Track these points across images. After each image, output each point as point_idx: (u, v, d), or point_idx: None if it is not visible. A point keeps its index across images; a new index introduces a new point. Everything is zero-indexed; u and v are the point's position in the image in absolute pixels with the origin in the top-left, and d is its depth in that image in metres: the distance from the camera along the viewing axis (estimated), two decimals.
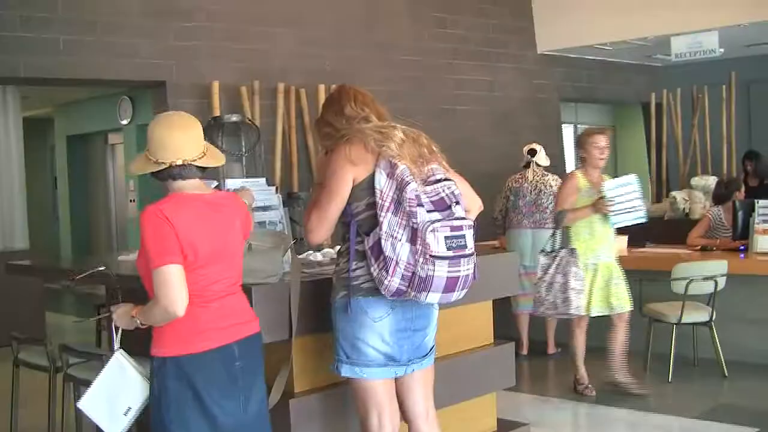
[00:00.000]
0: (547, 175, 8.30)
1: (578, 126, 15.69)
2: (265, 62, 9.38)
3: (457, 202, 3.65)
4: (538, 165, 8.30)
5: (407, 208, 3.54)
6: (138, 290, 4.33)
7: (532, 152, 8.35)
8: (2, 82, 10.00)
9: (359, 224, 3.72)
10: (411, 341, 3.81)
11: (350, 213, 3.74)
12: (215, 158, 3.57)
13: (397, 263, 3.53)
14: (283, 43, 9.58)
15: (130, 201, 12.18)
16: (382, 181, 3.62)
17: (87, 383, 3.94)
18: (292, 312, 3.92)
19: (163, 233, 3.32)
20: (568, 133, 14.46)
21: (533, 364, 8.12)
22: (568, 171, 13.19)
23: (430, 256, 3.49)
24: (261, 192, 4.72)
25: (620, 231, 7.27)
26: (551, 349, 8.35)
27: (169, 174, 3.48)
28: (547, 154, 8.62)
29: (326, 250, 4.92)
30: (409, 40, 10.84)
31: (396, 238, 3.54)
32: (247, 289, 3.85)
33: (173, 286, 3.30)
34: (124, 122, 12.02)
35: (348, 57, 10.08)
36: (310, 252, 4.92)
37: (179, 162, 3.44)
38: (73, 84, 8.95)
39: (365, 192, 3.68)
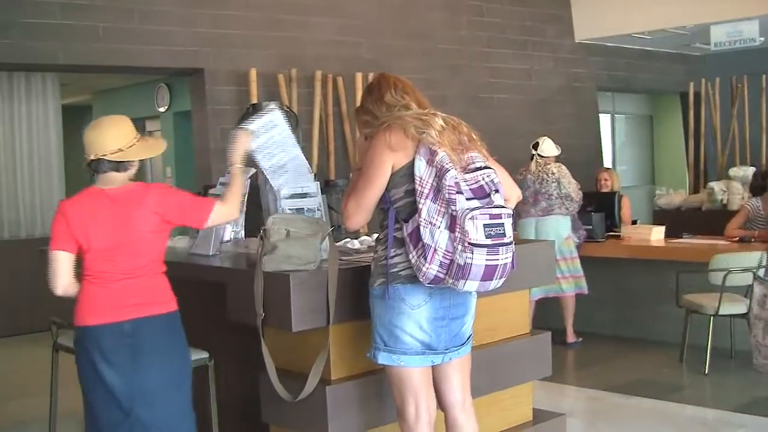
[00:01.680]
0: (549, 163, 8.25)
1: (615, 115, 15.62)
2: (303, 50, 9.40)
3: (497, 191, 3.63)
4: (541, 156, 8.26)
5: (446, 196, 3.52)
6: (172, 277, 4.35)
7: (535, 145, 8.33)
8: (42, 69, 10.08)
9: (398, 211, 3.71)
10: (449, 330, 3.80)
11: (389, 200, 3.74)
12: (138, 153, 3.99)
13: (435, 250, 3.52)
14: (321, 31, 9.60)
15: None
16: (421, 167, 3.61)
17: None
18: (330, 299, 3.92)
19: (58, 223, 3.88)
20: (605, 122, 14.39)
21: (556, 355, 8.06)
22: (605, 161, 13.21)
23: (469, 243, 3.47)
24: (299, 179, 4.72)
25: (657, 221, 7.22)
26: (570, 338, 8.26)
27: (91, 168, 3.95)
28: (581, 143, 8.57)
29: (364, 237, 4.91)
30: (446, 28, 10.82)
31: (435, 225, 3.53)
32: (284, 276, 3.88)
33: (54, 270, 3.86)
34: (162, 109, 12.09)
35: (385, 45, 10.08)
36: (348, 239, 4.92)
37: (92, 157, 3.90)
38: (112, 71, 9.03)
39: (404, 179, 3.68)
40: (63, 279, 3.87)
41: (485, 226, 3.50)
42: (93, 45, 8.21)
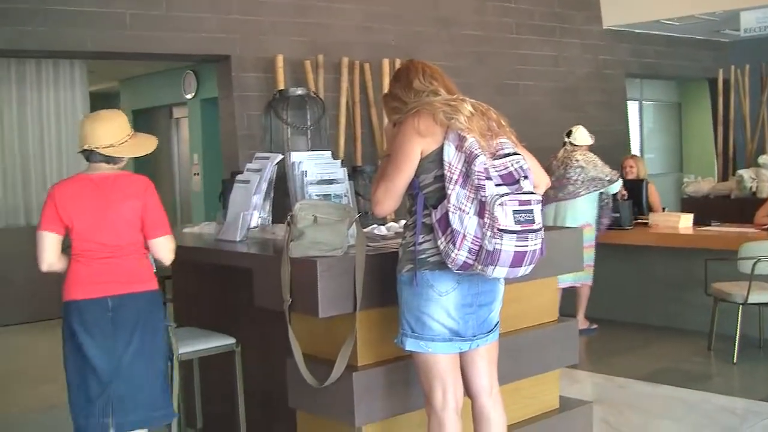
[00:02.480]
0: (575, 151, 8.20)
1: (643, 102, 15.53)
2: (329, 36, 9.39)
3: (525, 177, 3.62)
4: (571, 144, 8.22)
5: (475, 182, 3.52)
6: (199, 263, 4.38)
7: (568, 133, 8.29)
8: (70, 57, 10.12)
9: (426, 197, 3.70)
10: (476, 316, 3.79)
11: (417, 185, 3.72)
12: (128, 151, 4.27)
13: (464, 236, 3.51)
14: (348, 18, 9.59)
15: (194, 174, 12.28)
16: (450, 153, 3.60)
17: None
18: (357, 285, 3.92)
19: (47, 206, 4.16)
20: (633, 109, 14.30)
21: (581, 343, 8.03)
22: (632, 149, 13.14)
23: (498, 229, 3.46)
24: (326, 165, 4.73)
25: (686, 209, 7.18)
26: (582, 324, 8.18)
27: (84, 156, 4.26)
28: (609, 130, 8.53)
29: (391, 224, 4.91)
30: (473, 14, 10.77)
31: (464, 211, 3.52)
32: (311, 262, 3.88)
33: (40, 249, 4.14)
34: (189, 96, 12.11)
35: (411, 32, 10.05)
36: (375, 225, 4.92)
37: (85, 147, 4.21)
38: (139, 58, 9.05)
39: (433, 164, 3.66)
40: (47, 256, 4.13)
41: (514, 212, 3.50)
42: (120, 32, 8.23)
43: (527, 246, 3.53)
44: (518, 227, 3.50)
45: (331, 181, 4.61)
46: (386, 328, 4.20)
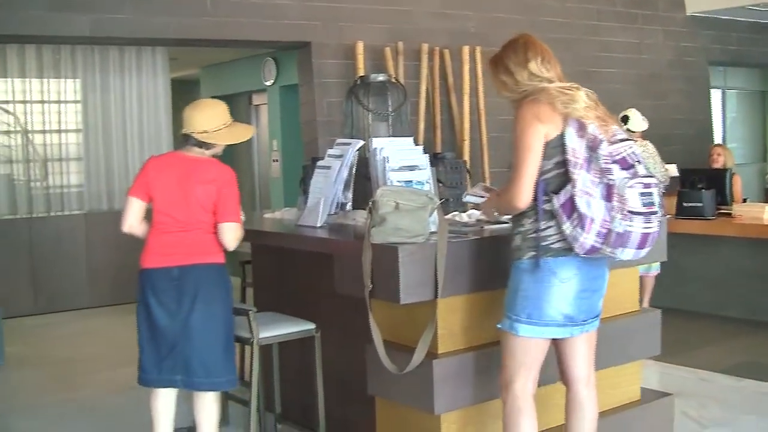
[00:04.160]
0: (636, 140, 8.00)
1: (726, 91, 15.24)
2: (409, 23, 9.37)
3: (638, 161, 3.66)
4: (629, 131, 8.05)
5: (602, 165, 3.58)
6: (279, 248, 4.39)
7: (624, 119, 8.11)
8: (152, 44, 10.25)
9: (547, 183, 3.71)
10: (589, 302, 3.84)
11: (538, 172, 3.73)
12: (222, 138, 4.57)
13: (593, 220, 3.56)
14: (428, 4, 9.56)
15: (273, 161, 12.34)
16: (573, 138, 3.64)
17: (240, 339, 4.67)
18: (438, 272, 3.90)
19: (140, 174, 4.56)
20: (715, 97, 14.03)
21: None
22: (715, 138, 12.89)
23: (628, 211, 3.55)
24: (408, 152, 4.71)
25: None
26: None
27: (182, 139, 4.60)
28: (691, 119, 8.34)
29: (471, 211, 4.88)
30: (554, 0, 10.66)
31: (591, 195, 3.57)
32: (392, 249, 3.87)
33: (125, 211, 4.54)
34: (268, 83, 12.16)
35: (492, 18, 9.98)
36: (456, 213, 4.89)
37: (183, 131, 4.56)
38: (220, 45, 9.11)
39: (555, 150, 3.68)
40: (129, 219, 4.52)
41: (640, 194, 3.58)
42: (202, 19, 8.30)
43: (651, 227, 3.61)
44: (644, 209, 3.58)
45: (412, 168, 4.58)
46: (467, 316, 4.18)
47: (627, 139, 3.71)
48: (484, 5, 9.98)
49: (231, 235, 4.49)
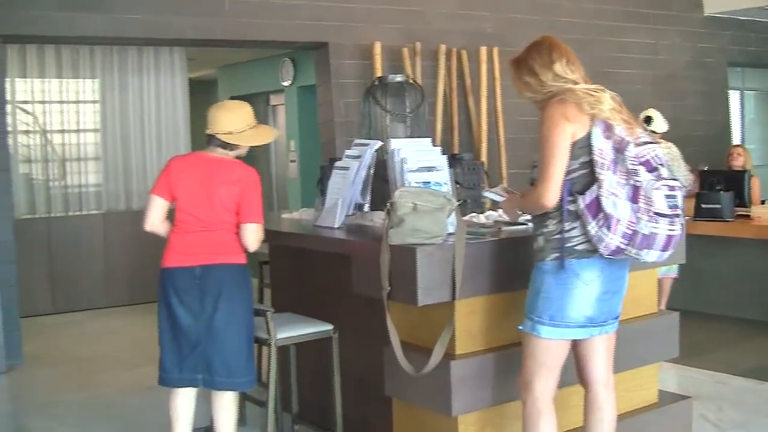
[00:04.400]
0: (660, 142, 7.94)
1: (745, 92, 15.16)
2: (427, 23, 9.37)
3: (662, 164, 3.67)
4: (653, 132, 8.00)
5: (629, 167, 3.61)
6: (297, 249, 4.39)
7: (648, 120, 8.05)
8: (170, 44, 10.27)
9: (572, 183, 3.72)
10: (610, 303, 3.85)
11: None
12: (245, 140, 4.58)
13: (619, 221, 3.57)
14: (445, 5, 9.55)
15: (291, 161, 12.36)
16: (600, 139, 3.66)
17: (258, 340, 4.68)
18: (456, 274, 3.91)
19: (162, 174, 4.58)
20: (734, 99, 13.95)
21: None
22: (733, 139, 12.83)
23: (655, 213, 3.57)
24: (426, 153, 4.71)
25: None
26: None
27: (206, 140, 4.62)
28: (709, 120, 8.28)
29: (489, 212, 4.88)
30: (571, 1, 10.63)
31: (617, 195, 3.59)
32: (410, 250, 3.87)
33: (148, 209, 4.56)
34: (286, 83, 12.19)
35: (508, 19, 9.97)
36: (474, 214, 4.90)
37: (208, 131, 4.57)
38: (237, 45, 9.12)
39: (581, 151, 3.69)
40: (152, 218, 4.54)
41: (666, 196, 3.60)
42: (219, 19, 8.32)
43: (675, 230, 3.63)
44: (669, 211, 3.60)
45: (430, 169, 4.59)
46: (485, 317, 4.18)
47: (650, 142, 3.72)
48: (500, 6, 9.97)
49: (253, 236, 4.51)
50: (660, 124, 7.99)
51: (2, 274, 7.53)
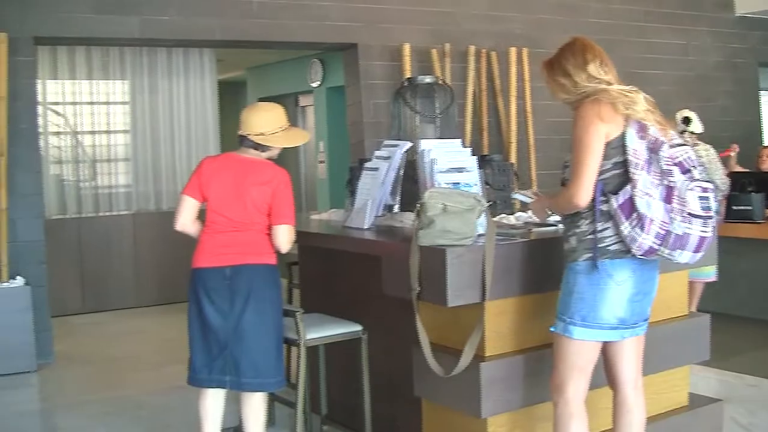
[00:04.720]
0: (699, 143, 7.89)
1: None
2: (456, 25, 9.37)
3: (694, 167, 3.66)
4: (692, 133, 7.93)
5: (663, 167, 3.60)
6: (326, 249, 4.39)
7: (687, 120, 7.98)
8: (199, 45, 10.32)
9: (605, 183, 3.71)
10: (641, 305, 3.83)
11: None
12: (277, 141, 4.61)
13: (652, 221, 3.57)
14: (474, 6, 9.55)
15: (320, 162, 12.39)
16: (633, 139, 3.66)
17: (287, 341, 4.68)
18: (486, 275, 3.90)
19: (194, 174, 4.61)
20: (766, 100, 13.84)
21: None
22: (765, 140, 12.73)
23: (688, 214, 3.56)
24: (455, 154, 4.70)
25: None
26: None
27: (238, 141, 4.64)
28: (740, 121, 8.21)
29: (519, 213, 4.86)
30: (599, 1, 10.60)
31: (651, 196, 3.58)
32: (440, 251, 3.87)
33: (179, 209, 4.59)
34: (315, 85, 12.21)
35: (537, 20, 9.95)
36: (503, 215, 4.88)
37: (240, 132, 4.61)
38: (266, 46, 9.16)
39: (615, 150, 3.69)
40: (183, 218, 4.57)
41: (699, 198, 3.59)
42: (248, 21, 8.36)
43: (707, 231, 3.62)
44: (703, 213, 3.59)
45: (460, 170, 4.58)
46: (515, 318, 4.17)
47: (683, 144, 3.71)
48: (529, 7, 9.95)
49: (285, 237, 4.53)
50: (697, 125, 7.94)
51: (33, 274, 7.59)
